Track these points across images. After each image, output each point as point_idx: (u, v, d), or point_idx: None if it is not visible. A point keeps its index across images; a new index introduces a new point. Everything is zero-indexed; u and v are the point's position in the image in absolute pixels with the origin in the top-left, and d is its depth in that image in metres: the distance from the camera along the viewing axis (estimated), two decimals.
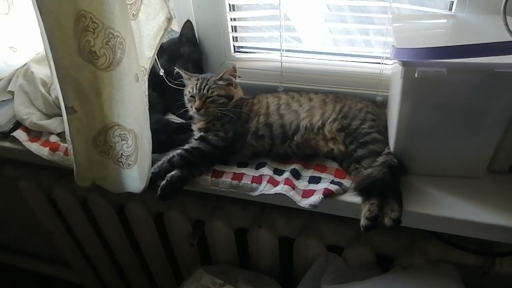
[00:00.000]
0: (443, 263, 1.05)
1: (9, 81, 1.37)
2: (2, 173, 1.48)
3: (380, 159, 0.98)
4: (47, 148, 1.20)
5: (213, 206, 1.25)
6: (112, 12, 0.82)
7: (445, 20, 1.02)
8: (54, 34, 0.81)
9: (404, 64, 0.83)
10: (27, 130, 1.27)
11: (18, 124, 1.28)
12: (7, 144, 1.27)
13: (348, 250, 1.14)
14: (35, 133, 1.26)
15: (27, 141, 1.24)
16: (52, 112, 1.27)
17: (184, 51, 1.23)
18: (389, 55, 1.08)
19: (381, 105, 1.15)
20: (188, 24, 1.25)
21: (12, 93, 1.34)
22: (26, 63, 1.37)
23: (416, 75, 0.82)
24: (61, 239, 1.57)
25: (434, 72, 0.80)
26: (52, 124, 1.25)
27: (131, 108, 0.94)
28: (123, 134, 0.95)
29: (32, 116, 1.26)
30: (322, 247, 1.15)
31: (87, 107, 0.90)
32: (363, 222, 0.93)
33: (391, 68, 1.07)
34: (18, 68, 1.38)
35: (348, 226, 1.13)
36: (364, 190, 0.95)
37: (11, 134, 1.24)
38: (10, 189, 1.49)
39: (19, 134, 1.25)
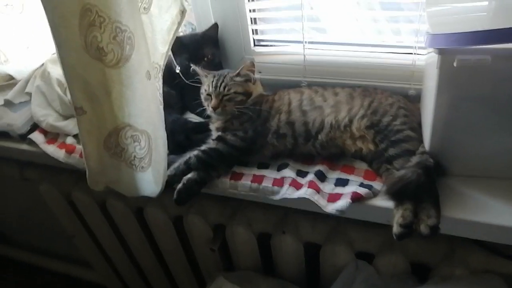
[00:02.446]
0: (488, 274, 0.94)
1: (27, 82, 1.35)
2: (24, 176, 1.47)
3: (414, 159, 0.88)
4: (63, 150, 1.18)
5: (233, 210, 1.19)
6: (118, 4, 0.77)
7: (486, 3, 0.91)
8: (59, 31, 0.77)
9: (441, 52, 0.74)
10: (45, 132, 1.25)
11: (35, 126, 1.27)
12: (24, 146, 1.25)
13: (379, 258, 1.04)
14: (52, 135, 1.24)
15: (44, 143, 1.22)
16: (68, 113, 1.24)
17: (207, 52, 1.18)
18: (422, 44, 0.98)
19: (414, 100, 1.06)
20: (214, 26, 1.21)
21: (30, 94, 1.31)
22: (43, 63, 1.34)
23: (455, 64, 0.73)
24: (83, 242, 1.55)
25: (476, 60, 0.71)
26: (68, 125, 1.22)
27: (143, 108, 0.89)
28: (135, 135, 0.90)
29: (49, 118, 1.24)
30: (351, 254, 1.06)
31: (96, 108, 0.86)
32: (396, 229, 0.84)
33: (425, 58, 0.97)
34: (36, 69, 1.36)
35: (379, 231, 1.03)
36: (396, 193, 0.86)
37: (28, 136, 1.22)
38: (33, 191, 1.48)
39: (36, 136, 1.23)
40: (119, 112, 0.86)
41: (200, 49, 1.17)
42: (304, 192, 0.92)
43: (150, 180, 0.98)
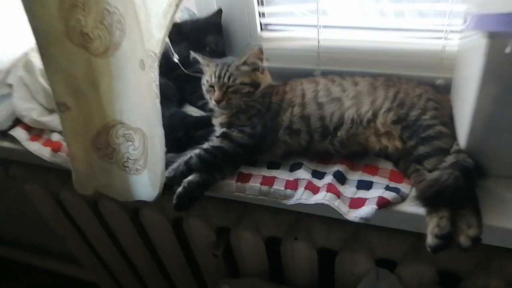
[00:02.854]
0: None
1: (8, 72, 1.21)
2: (8, 174, 1.35)
3: (449, 159, 0.79)
4: (48, 149, 1.06)
5: (240, 212, 1.08)
6: None
7: None
8: (35, 14, 0.67)
9: (492, 36, 0.63)
10: (28, 127, 1.13)
11: (18, 121, 1.15)
12: (6, 144, 1.13)
13: (403, 266, 0.95)
14: (37, 131, 1.13)
15: (27, 141, 1.10)
16: (54, 107, 1.11)
17: (209, 40, 1.08)
18: (455, 27, 0.86)
19: (442, 90, 0.95)
20: (218, 12, 1.09)
21: (11, 86, 1.19)
22: (26, 52, 1.21)
23: (507, 50, 0.61)
24: (74, 243, 1.46)
25: None
26: (54, 120, 1.11)
27: (136, 102, 0.78)
28: (128, 134, 0.79)
29: (32, 112, 1.12)
30: (371, 261, 0.97)
31: (82, 103, 0.75)
32: (431, 241, 0.74)
33: (462, 43, 0.85)
34: (19, 58, 1.22)
35: (402, 237, 0.94)
36: (431, 199, 0.76)
37: (9, 132, 1.10)
38: (19, 189, 1.37)
39: (18, 133, 1.12)
40: (108, 108, 0.75)
41: (202, 38, 1.08)
42: (323, 196, 0.82)
43: (146, 183, 0.87)
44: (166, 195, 0.92)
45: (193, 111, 1.09)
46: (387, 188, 0.83)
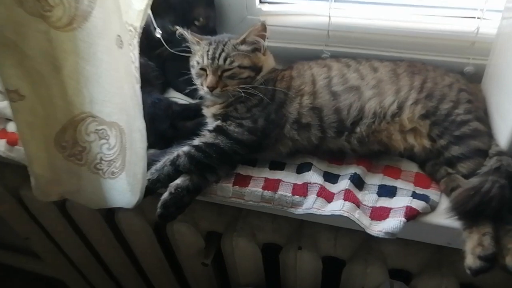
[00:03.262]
0: None
1: None
2: None
3: (491, 163, 0.68)
4: (3, 141, 0.91)
5: (233, 215, 0.96)
6: None
7: None
8: None
9: None
10: None
11: None
12: None
13: (419, 278, 0.86)
14: None
15: None
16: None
17: (198, 13, 0.95)
18: (494, 5, 0.75)
19: (471, 79, 0.84)
20: None
21: None
22: None
23: None
24: (39, 244, 1.30)
25: None
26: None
27: (112, 90, 0.65)
28: (102, 130, 0.66)
29: None
30: (384, 272, 0.87)
31: (41, 90, 0.62)
32: (472, 262, 0.63)
33: (505, 24, 0.72)
34: None
35: (419, 245, 0.84)
36: (472, 212, 0.65)
37: None
38: None
39: None
40: (76, 97, 0.61)
41: (190, 10, 0.95)
42: (340, 206, 0.69)
43: (123, 188, 0.73)
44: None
45: (180, 98, 0.95)
46: (414, 195, 0.71)
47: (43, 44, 0.55)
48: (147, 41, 0.88)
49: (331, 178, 0.76)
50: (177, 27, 0.85)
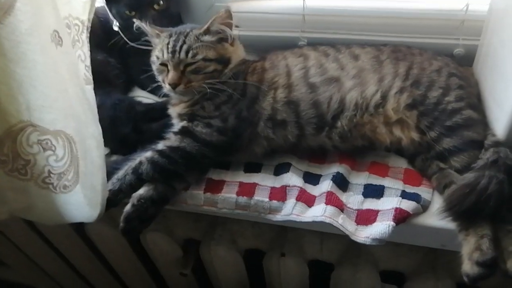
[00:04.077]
0: None
1: None
2: None
3: (486, 155, 0.62)
4: None
5: (211, 221, 0.90)
6: None
7: None
8: None
9: None
10: None
11: None
12: None
13: (413, 282, 0.81)
14: None
15: None
16: None
17: None
18: None
19: (461, 62, 0.78)
20: None
21: None
22: None
23: None
24: (9, 258, 1.23)
25: None
26: None
27: (52, 95, 0.58)
28: (45, 140, 0.59)
29: None
30: (375, 276, 0.82)
31: None
32: (470, 269, 0.58)
33: (494, 0, 0.65)
34: None
35: (413, 246, 0.78)
36: (468, 212, 0.59)
37: None
38: None
39: None
40: (9, 105, 0.55)
41: None
42: (322, 211, 0.64)
43: (80, 202, 0.67)
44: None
45: (145, 97, 0.88)
46: (404, 195, 0.65)
47: None
48: (104, 34, 0.83)
49: (312, 179, 0.70)
50: (135, 20, 0.77)
